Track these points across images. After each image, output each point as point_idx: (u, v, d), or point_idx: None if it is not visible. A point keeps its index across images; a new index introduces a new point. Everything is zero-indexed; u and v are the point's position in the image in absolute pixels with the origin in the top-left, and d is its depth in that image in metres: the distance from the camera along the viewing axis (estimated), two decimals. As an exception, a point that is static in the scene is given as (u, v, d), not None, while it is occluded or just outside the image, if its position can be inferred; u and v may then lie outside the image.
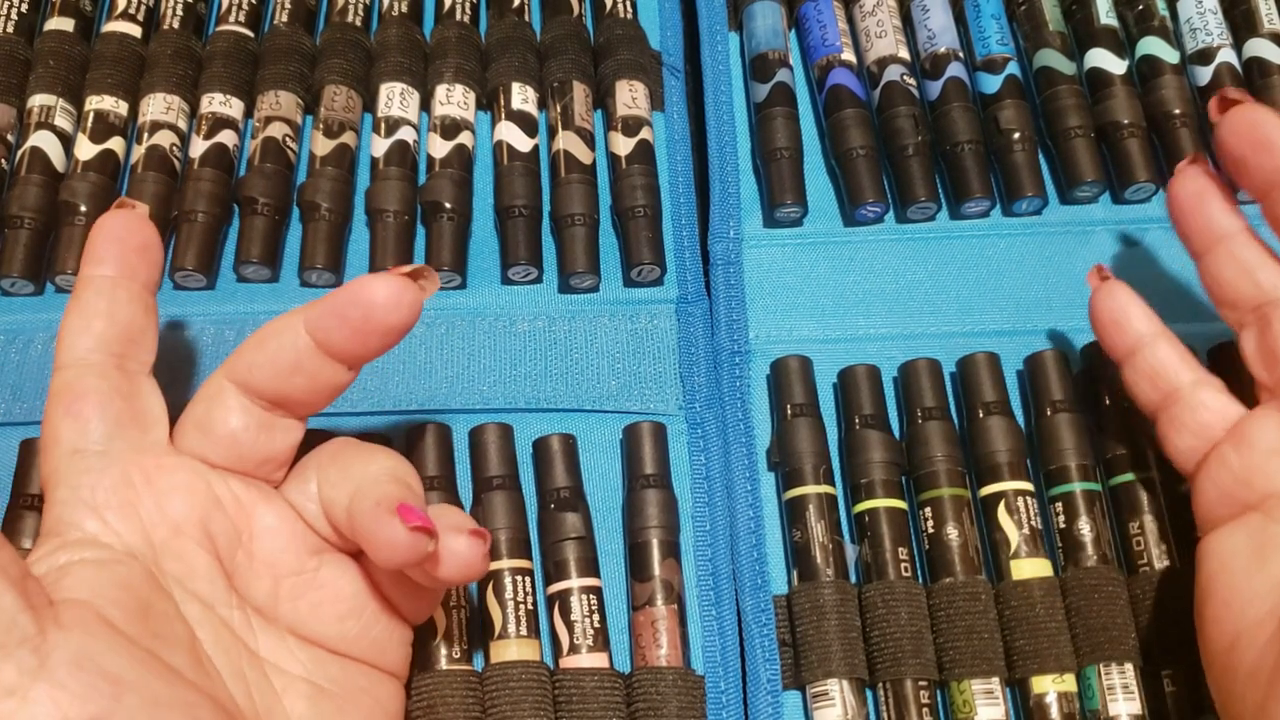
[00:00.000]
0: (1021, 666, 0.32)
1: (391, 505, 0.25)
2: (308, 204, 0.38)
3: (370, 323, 0.26)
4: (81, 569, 0.24)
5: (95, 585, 0.24)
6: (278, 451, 0.28)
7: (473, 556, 0.26)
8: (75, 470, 0.26)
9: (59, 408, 0.26)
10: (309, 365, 0.26)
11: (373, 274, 0.26)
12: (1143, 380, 0.31)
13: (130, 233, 0.28)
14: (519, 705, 0.31)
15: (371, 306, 0.26)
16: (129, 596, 0.24)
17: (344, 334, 0.26)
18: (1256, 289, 0.29)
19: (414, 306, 0.26)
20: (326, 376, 0.27)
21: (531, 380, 0.36)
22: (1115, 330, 0.31)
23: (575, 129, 0.40)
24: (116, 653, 0.23)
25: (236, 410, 0.27)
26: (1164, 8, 0.42)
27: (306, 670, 0.27)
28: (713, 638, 0.33)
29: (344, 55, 0.41)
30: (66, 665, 0.22)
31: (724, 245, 0.39)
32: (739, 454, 0.35)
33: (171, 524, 0.26)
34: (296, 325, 0.26)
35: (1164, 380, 0.30)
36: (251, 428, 0.27)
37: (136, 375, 0.28)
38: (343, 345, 0.26)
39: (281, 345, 0.26)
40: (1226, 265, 0.30)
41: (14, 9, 0.42)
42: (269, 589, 0.27)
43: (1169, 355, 0.31)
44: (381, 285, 0.26)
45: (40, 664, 0.22)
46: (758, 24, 0.42)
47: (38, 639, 0.22)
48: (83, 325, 0.27)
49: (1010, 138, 0.39)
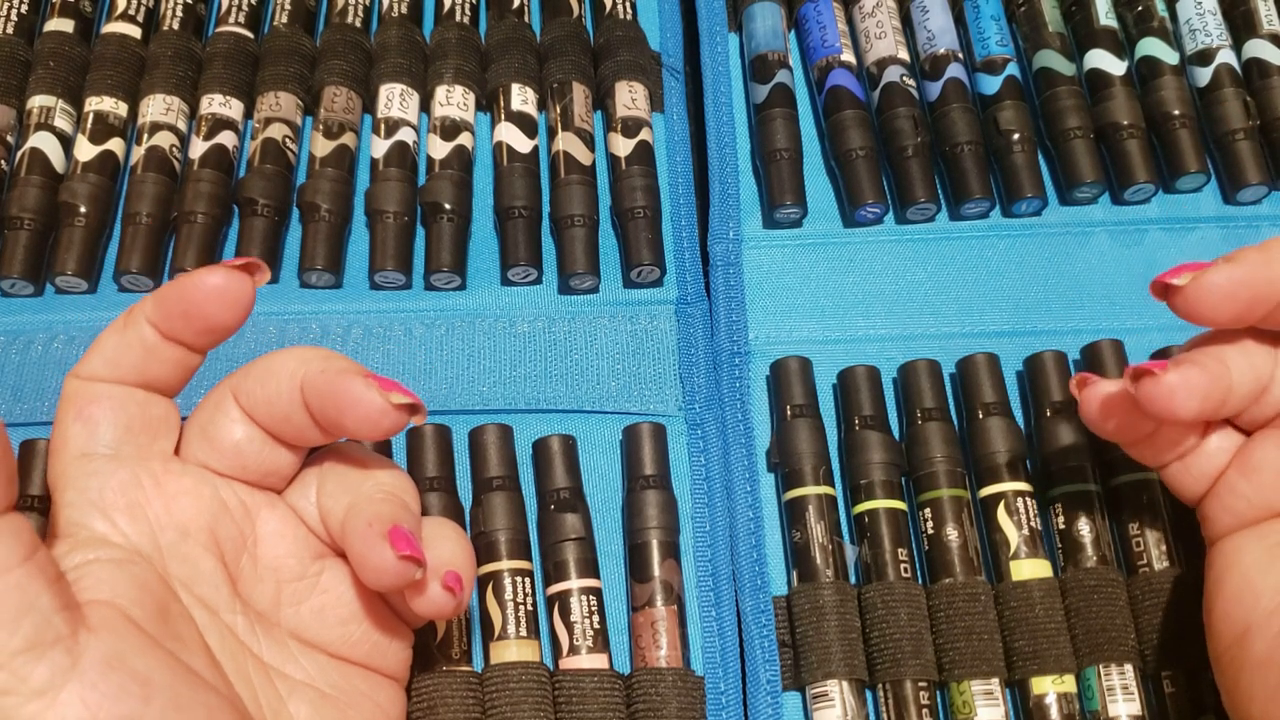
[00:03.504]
0: (1021, 667, 0.32)
1: (384, 527, 0.25)
2: (307, 205, 0.38)
3: (387, 418, 0.25)
4: (99, 568, 0.24)
5: (115, 585, 0.24)
6: (280, 466, 0.28)
7: (444, 605, 0.26)
8: (83, 473, 0.26)
9: (70, 411, 0.26)
10: (296, 419, 0.26)
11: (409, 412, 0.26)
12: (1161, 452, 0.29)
13: (219, 311, 0.26)
14: (519, 706, 0.31)
15: (384, 417, 0.25)
16: (149, 597, 0.24)
17: (347, 426, 0.26)
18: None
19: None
20: (311, 436, 0.27)
21: (531, 381, 0.37)
22: (1128, 429, 0.29)
23: (575, 130, 0.40)
24: (144, 654, 0.23)
25: (239, 423, 0.27)
26: (1163, 9, 0.42)
27: (309, 676, 0.27)
28: (712, 638, 0.33)
29: (344, 56, 0.41)
30: (98, 666, 0.22)
31: (724, 246, 0.39)
32: (739, 455, 0.35)
33: (179, 527, 0.26)
34: (294, 385, 0.26)
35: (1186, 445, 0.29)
36: (256, 440, 0.27)
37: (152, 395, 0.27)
38: (340, 430, 0.26)
39: (278, 393, 0.26)
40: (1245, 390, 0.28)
41: (14, 10, 0.42)
42: (272, 594, 0.27)
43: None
44: (371, 396, 0.25)
45: (73, 664, 0.22)
46: (757, 25, 0.42)
47: (70, 640, 0.22)
48: (113, 356, 0.26)
49: (1010, 139, 0.39)
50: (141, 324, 0.26)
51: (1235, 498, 0.28)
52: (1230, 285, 0.26)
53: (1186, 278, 0.27)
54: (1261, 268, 0.26)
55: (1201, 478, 0.29)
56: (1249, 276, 0.26)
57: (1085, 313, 0.38)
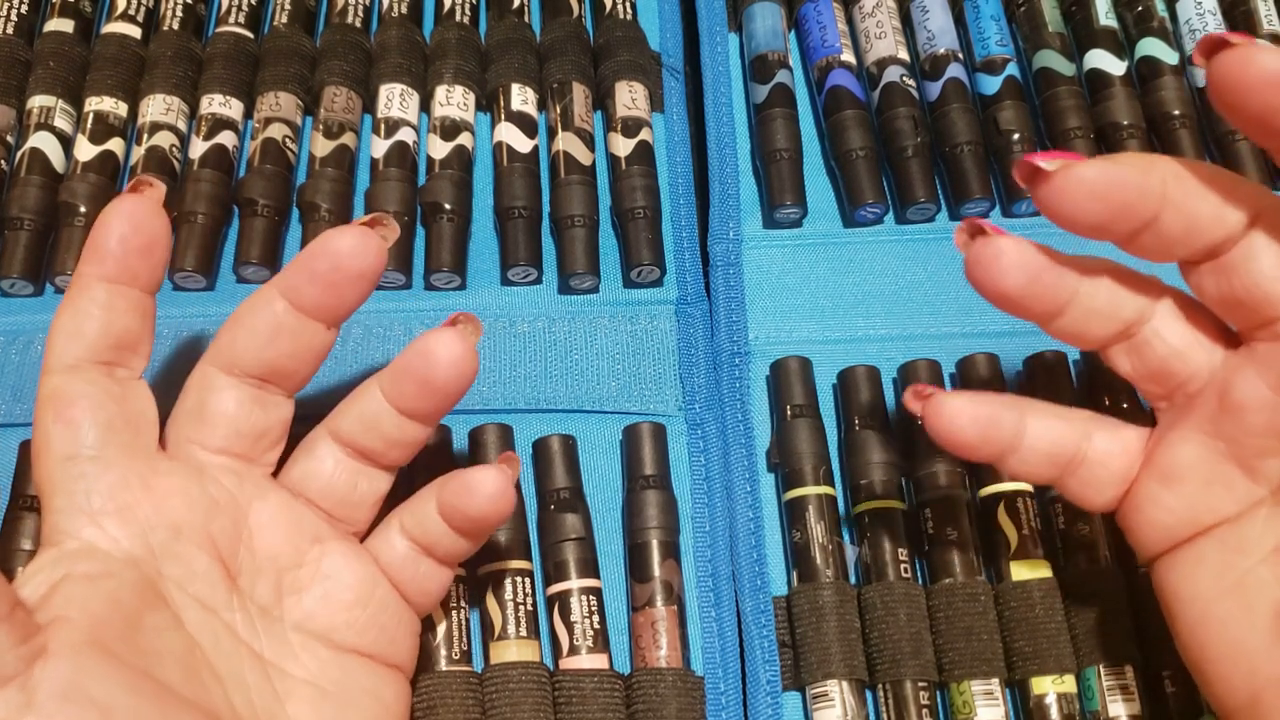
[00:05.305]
0: (1021, 667, 0.32)
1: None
2: (307, 205, 0.38)
3: (339, 272, 0.27)
4: (72, 584, 0.24)
5: (85, 602, 0.24)
6: (272, 426, 0.28)
7: (501, 484, 0.27)
8: (70, 477, 0.26)
9: (49, 414, 0.26)
10: (289, 327, 0.27)
11: (334, 228, 0.27)
12: (1036, 466, 0.27)
13: (136, 230, 0.27)
14: (519, 706, 0.31)
15: (338, 256, 0.26)
16: (120, 612, 0.24)
17: (316, 289, 0.27)
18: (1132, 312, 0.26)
19: (380, 252, 0.27)
20: (308, 337, 0.27)
21: (531, 381, 0.37)
22: (987, 443, 0.27)
23: (575, 130, 0.40)
24: (105, 677, 0.23)
25: (226, 389, 0.27)
26: (1163, 9, 0.42)
27: (309, 673, 0.27)
28: (712, 639, 0.33)
29: (344, 56, 0.41)
30: (55, 699, 0.22)
31: (724, 246, 0.39)
32: (739, 455, 0.35)
33: (171, 526, 0.26)
34: (270, 293, 0.27)
35: (1060, 453, 0.27)
36: (246, 402, 0.28)
37: (127, 380, 0.27)
38: (316, 300, 0.27)
39: (259, 315, 0.27)
40: (1088, 317, 0.26)
41: (14, 10, 0.42)
42: (273, 585, 0.27)
43: (1049, 426, 0.27)
44: (345, 235, 0.27)
45: (28, 700, 0.21)
46: (757, 25, 0.42)
47: (25, 676, 0.22)
48: (74, 329, 0.27)
49: (1010, 139, 0.39)
50: (90, 285, 0.27)
51: (1161, 510, 0.26)
52: (1102, 182, 0.24)
53: (1057, 164, 0.24)
54: (1138, 174, 0.24)
55: (1100, 486, 0.27)
56: (1124, 179, 0.24)
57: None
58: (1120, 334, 0.26)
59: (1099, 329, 0.26)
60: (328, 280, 0.27)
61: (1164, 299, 0.26)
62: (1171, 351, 0.26)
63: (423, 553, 0.29)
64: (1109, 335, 0.26)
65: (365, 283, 0.27)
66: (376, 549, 0.29)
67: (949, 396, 0.27)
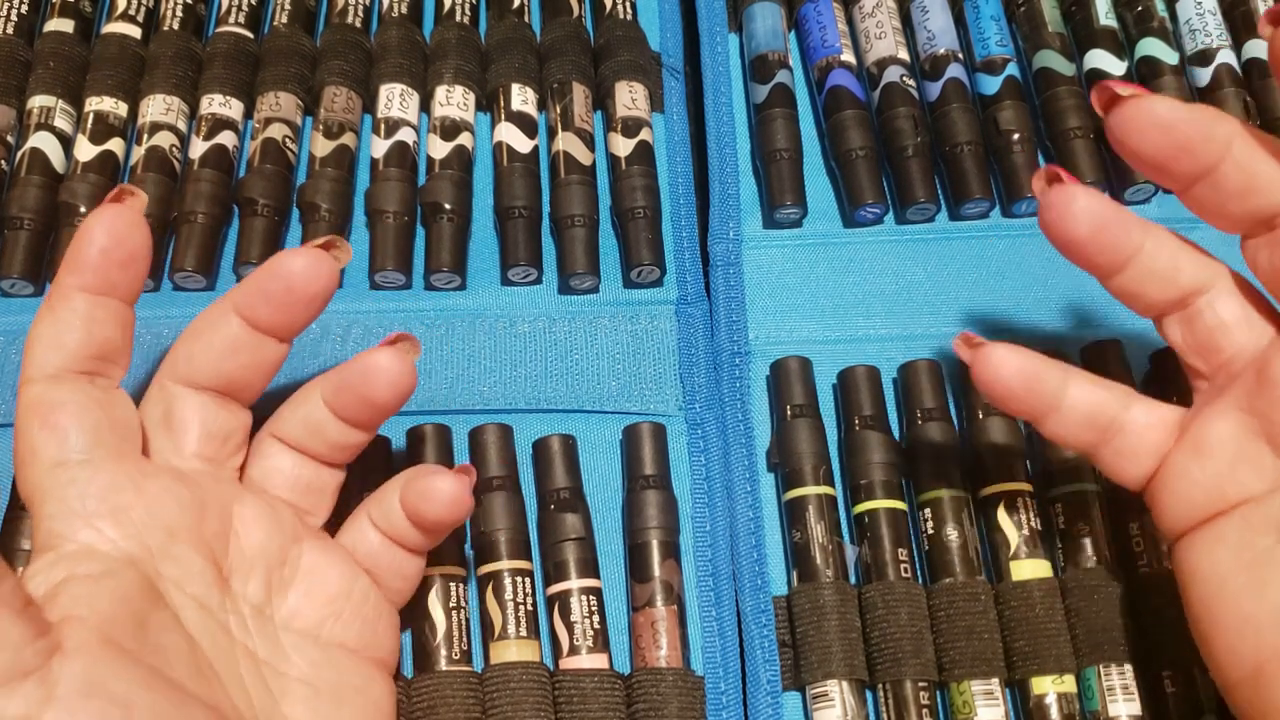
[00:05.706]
0: (1021, 667, 0.32)
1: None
2: (307, 205, 0.38)
3: (291, 294, 0.27)
4: (77, 584, 0.24)
5: (93, 601, 0.24)
6: (235, 429, 0.29)
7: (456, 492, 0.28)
8: (60, 482, 0.26)
9: (34, 421, 0.26)
10: (245, 343, 0.28)
11: (288, 249, 0.28)
12: (1075, 428, 0.28)
13: (118, 242, 0.27)
14: (519, 706, 0.31)
15: (290, 277, 0.27)
16: (127, 610, 0.24)
17: (269, 308, 0.28)
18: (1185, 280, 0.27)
19: (332, 274, 0.28)
20: (263, 352, 0.28)
21: (531, 381, 0.37)
22: (1030, 394, 0.28)
23: (575, 130, 0.40)
24: (121, 674, 0.23)
25: (189, 397, 0.28)
26: (1163, 9, 0.42)
27: (302, 672, 0.27)
28: (712, 638, 0.33)
29: (344, 56, 0.41)
30: (75, 694, 0.22)
31: (724, 246, 0.39)
32: (739, 455, 0.35)
33: (165, 528, 0.26)
34: (225, 310, 0.28)
35: (1099, 418, 0.28)
36: (210, 406, 0.28)
37: (108, 389, 0.28)
38: (270, 319, 0.28)
39: (216, 332, 0.28)
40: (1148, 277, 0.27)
41: (14, 10, 0.42)
42: (263, 584, 0.28)
43: (1090, 390, 0.28)
44: (298, 257, 0.27)
45: (48, 695, 0.21)
46: (757, 25, 0.42)
47: (44, 671, 0.22)
48: (55, 339, 0.27)
49: (1010, 139, 0.39)
50: (70, 295, 0.27)
51: (1188, 484, 0.27)
52: (1170, 116, 0.25)
53: (1132, 91, 0.26)
54: (1207, 119, 0.26)
55: (1135, 458, 0.28)
56: (1192, 117, 0.25)
57: (1085, 313, 0.38)
58: (1176, 302, 0.28)
59: (1156, 292, 0.28)
60: (281, 300, 0.27)
61: (1222, 275, 0.28)
62: (1221, 325, 0.27)
63: (393, 543, 0.29)
64: (1166, 301, 0.28)
65: (318, 303, 0.28)
66: (352, 542, 0.30)
67: (997, 346, 0.28)
